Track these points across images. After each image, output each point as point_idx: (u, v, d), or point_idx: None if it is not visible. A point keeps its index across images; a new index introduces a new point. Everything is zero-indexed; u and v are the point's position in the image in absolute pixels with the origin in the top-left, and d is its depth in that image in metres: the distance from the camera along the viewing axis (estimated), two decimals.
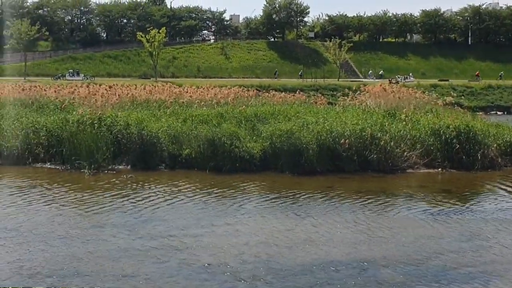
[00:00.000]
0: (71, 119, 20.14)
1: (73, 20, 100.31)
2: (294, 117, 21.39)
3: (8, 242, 11.19)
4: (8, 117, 21.51)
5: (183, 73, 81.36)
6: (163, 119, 21.19)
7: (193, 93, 28.13)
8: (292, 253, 10.79)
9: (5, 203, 14.24)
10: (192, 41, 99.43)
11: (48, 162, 19.23)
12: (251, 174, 17.94)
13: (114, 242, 11.27)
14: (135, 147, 19.15)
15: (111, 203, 14.46)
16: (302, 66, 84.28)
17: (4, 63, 79.62)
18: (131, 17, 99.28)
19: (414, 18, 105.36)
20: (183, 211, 13.70)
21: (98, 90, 28.03)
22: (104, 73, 76.76)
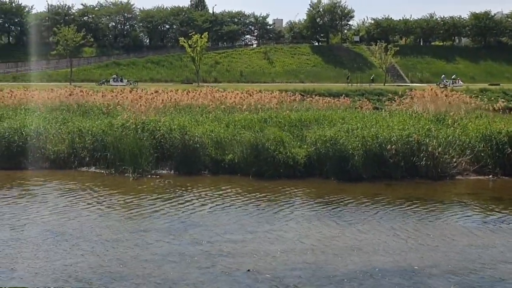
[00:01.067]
0: (115, 124, 20.56)
1: (117, 26, 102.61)
2: (339, 122, 21.27)
3: (55, 245, 11.47)
4: (55, 121, 22.09)
5: (225, 78, 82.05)
6: (205, 124, 21.37)
7: (236, 98, 28.28)
8: (339, 260, 10.70)
9: (52, 206, 14.63)
10: (235, 46, 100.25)
11: (93, 166, 19.66)
12: (295, 180, 17.90)
13: (158, 247, 11.42)
14: (178, 152, 19.39)
15: (155, 207, 14.67)
16: (347, 70, 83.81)
17: (51, 68, 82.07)
18: (174, 23, 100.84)
19: (462, 21, 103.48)
20: (227, 217, 13.78)
21: (142, 95, 28.52)
22: (147, 78, 78.16)
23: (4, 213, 13.95)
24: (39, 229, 12.53)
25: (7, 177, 18.46)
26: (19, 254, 10.89)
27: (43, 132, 20.69)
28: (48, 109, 25.53)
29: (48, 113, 24.07)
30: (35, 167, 19.72)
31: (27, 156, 19.94)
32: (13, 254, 10.87)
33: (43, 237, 11.93)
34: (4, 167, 19.49)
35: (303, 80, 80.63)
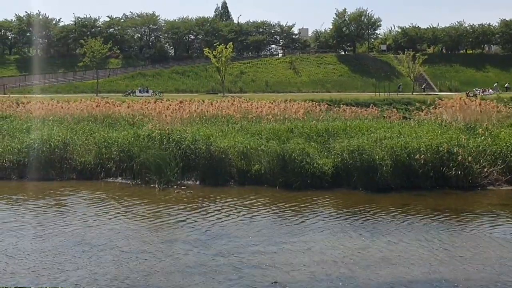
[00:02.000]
0: (141, 135, 20.77)
1: (142, 38, 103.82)
2: (366, 132, 21.18)
3: (83, 255, 11.62)
4: (82, 132, 22.43)
5: (251, 88, 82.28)
6: (231, 134, 21.47)
7: (261, 108, 28.38)
8: (367, 272, 10.63)
9: (79, 217, 14.84)
10: (260, 56, 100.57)
11: (119, 177, 19.88)
12: (323, 190, 17.85)
13: (185, 257, 11.49)
14: (204, 163, 19.50)
15: (181, 218, 14.76)
16: (374, 79, 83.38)
17: (77, 80, 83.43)
18: (199, 33, 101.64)
19: (492, 28, 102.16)
20: (254, 228, 13.80)
21: (167, 105, 28.80)
22: (172, 89, 78.86)
23: (32, 223, 14.21)
24: (67, 239, 12.70)
25: (35, 187, 18.80)
26: (47, 264, 11.05)
27: (70, 143, 21.04)
28: (75, 120, 25.95)
29: (75, 124, 24.46)
30: (62, 178, 20.04)
31: (55, 167, 20.27)
32: (40, 264, 11.04)
33: (70, 247, 12.10)
34: (32, 178, 19.86)
35: (330, 90, 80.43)
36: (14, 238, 12.79)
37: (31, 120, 25.90)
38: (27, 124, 24.14)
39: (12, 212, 15.49)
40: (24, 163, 20.24)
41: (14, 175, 20.20)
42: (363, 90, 78.24)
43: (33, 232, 13.36)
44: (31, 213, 15.40)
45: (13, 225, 14.05)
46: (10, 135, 22.37)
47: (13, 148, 20.64)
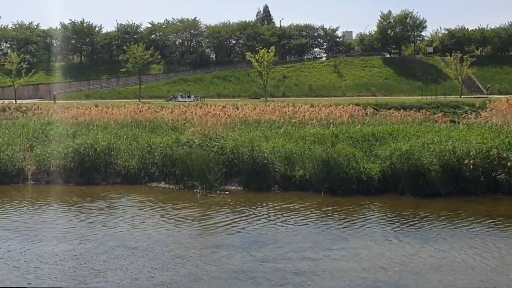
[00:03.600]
0: (183, 140, 21.00)
1: (184, 43, 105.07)
2: (414, 136, 20.89)
3: (127, 260, 11.81)
4: (126, 137, 22.84)
5: (294, 92, 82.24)
6: (275, 139, 21.49)
7: (305, 113, 28.31)
8: (417, 280, 10.47)
9: (123, 221, 15.10)
10: (303, 60, 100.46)
11: (162, 182, 20.12)
12: (369, 196, 17.68)
13: (229, 263, 11.54)
14: (247, 168, 19.55)
15: (225, 223, 14.84)
16: (420, 83, 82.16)
17: (120, 86, 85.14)
18: (240, 38, 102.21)
19: None
20: (299, 234, 13.77)
21: (209, 110, 29.05)
22: (214, 94, 79.53)
23: (78, 226, 14.52)
24: (111, 244, 12.93)
25: (80, 192, 19.22)
26: (91, 268, 11.27)
27: (115, 148, 21.45)
28: (119, 126, 26.42)
29: (119, 130, 24.89)
30: (107, 182, 20.44)
31: (99, 172, 20.70)
32: (84, 268, 11.27)
33: (114, 252, 12.31)
34: (78, 182, 20.33)
35: (375, 94, 79.70)
36: (61, 242, 13.10)
37: (75, 126, 26.49)
38: (72, 130, 24.70)
39: (58, 216, 15.91)
40: (70, 168, 20.72)
41: (60, 180, 20.71)
42: (409, 94, 77.23)
43: (79, 235, 13.66)
44: (77, 217, 15.75)
45: (60, 228, 14.41)
46: (56, 140, 22.95)
47: (59, 153, 21.18)
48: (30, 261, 11.77)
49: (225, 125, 24.49)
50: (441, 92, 71.01)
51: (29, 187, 20.47)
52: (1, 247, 12.70)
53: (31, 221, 15.30)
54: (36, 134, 24.29)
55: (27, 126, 26.36)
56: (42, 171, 21.03)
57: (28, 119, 30.07)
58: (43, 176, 20.95)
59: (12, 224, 14.88)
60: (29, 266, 11.42)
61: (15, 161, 21.27)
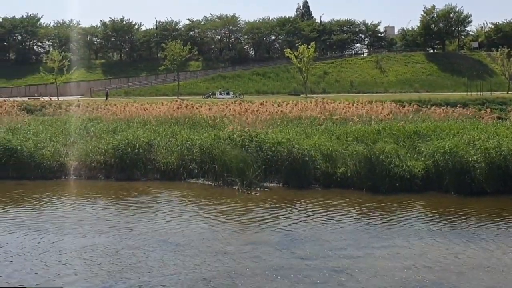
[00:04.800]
0: (222, 136, 21.13)
1: (222, 40, 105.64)
2: (458, 133, 20.56)
3: (168, 255, 11.98)
4: (164, 134, 23.12)
5: (335, 89, 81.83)
6: (315, 136, 21.42)
7: (346, 109, 28.15)
8: (462, 279, 10.32)
9: (163, 217, 15.32)
10: (344, 55, 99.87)
11: (201, 178, 20.30)
12: (412, 194, 17.50)
13: (269, 260, 11.58)
14: (287, 165, 19.54)
15: (264, 220, 14.90)
16: (465, 78, 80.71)
17: (159, 83, 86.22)
18: (280, 34, 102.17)
19: None
20: (340, 232, 13.72)
21: (248, 107, 29.16)
22: (253, 91, 79.74)
23: (119, 222, 14.79)
24: (151, 240, 13.11)
25: (120, 187, 19.58)
26: (133, 262, 11.47)
27: (154, 144, 21.74)
28: (158, 122, 26.74)
29: (158, 126, 25.21)
30: (146, 178, 20.75)
31: (139, 168, 21.03)
32: (124, 263, 11.46)
33: (154, 248, 12.48)
34: (118, 178, 20.72)
35: (418, 90, 78.66)
36: (102, 237, 13.37)
37: (116, 122, 26.95)
38: (113, 126, 25.15)
39: (99, 211, 16.23)
40: (110, 164, 21.14)
41: (101, 175, 21.16)
42: (453, 90, 76.00)
43: (119, 230, 13.91)
44: (117, 212, 16.04)
45: (101, 223, 14.70)
46: (97, 136, 23.41)
47: (100, 149, 21.62)
48: (72, 254, 12.06)
49: (264, 122, 24.55)
50: (487, 88, 69.64)
51: (71, 182, 20.96)
52: (44, 240, 13.03)
53: (73, 216, 15.69)
54: (77, 130, 24.81)
55: (68, 123, 26.94)
56: (84, 166, 21.50)
57: (69, 116, 30.72)
58: (84, 171, 21.43)
59: (54, 218, 15.27)
60: (70, 259, 11.71)
61: (58, 156, 21.80)
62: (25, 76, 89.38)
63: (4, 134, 23.14)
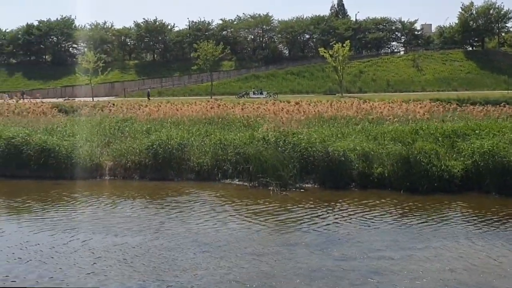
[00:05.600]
0: (256, 136, 21.17)
1: (256, 39, 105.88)
2: (499, 132, 20.19)
3: (202, 255, 12.06)
4: (198, 134, 23.29)
5: (371, 88, 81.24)
6: (351, 136, 21.31)
7: (383, 109, 27.92)
8: (503, 284, 10.14)
9: (198, 218, 15.43)
10: (380, 54, 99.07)
11: (236, 178, 20.38)
12: (451, 194, 17.27)
13: (306, 261, 11.56)
14: (323, 165, 19.48)
15: (300, 221, 14.89)
16: (505, 76, 79.18)
17: (192, 83, 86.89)
18: (314, 32, 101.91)
19: None
20: (377, 233, 13.63)
21: (282, 107, 29.16)
22: (287, 90, 79.71)
23: (153, 222, 14.96)
24: (186, 240, 13.21)
25: (155, 187, 19.82)
26: (167, 263, 11.58)
27: (188, 144, 21.92)
28: (192, 122, 26.95)
29: (192, 126, 25.40)
30: (180, 178, 20.95)
31: (173, 168, 21.24)
32: (160, 264, 11.57)
33: (189, 249, 12.57)
34: (152, 178, 20.98)
35: (456, 88, 77.51)
36: (136, 237, 13.55)
37: (149, 122, 27.26)
38: (147, 126, 25.45)
39: (134, 211, 16.45)
40: (145, 164, 21.43)
41: (136, 175, 21.45)
42: (493, 88, 74.67)
43: (153, 231, 14.07)
44: (152, 212, 16.24)
45: (135, 223, 14.89)
46: (131, 136, 23.73)
47: (134, 149, 21.92)
48: (106, 253, 12.23)
49: (299, 121, 24.52)
50: None
51: (106, 182, 21.31)
52: (79, 239, 13.28)
53: (108, 215, 15.94)
54: (112, 130, 25.20)
55: (104, 123, 27.36)
56: (118, 166, 21.84)
57: (104, 116, 31.19)
58: (119, 171, 21.76)
59: (90, 218, 15.56)
60: (104, 259, 11.88)
61: (93, 156, 22.19)
62: (61, 78, 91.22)
63: (41, 134, 23.65)
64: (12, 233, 14.16)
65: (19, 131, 23.92)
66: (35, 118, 29.91)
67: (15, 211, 17.05)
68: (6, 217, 16.27)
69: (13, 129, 24.64)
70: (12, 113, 31.54)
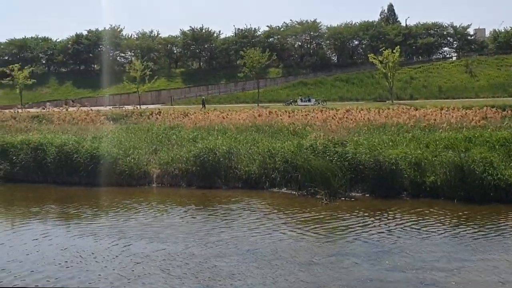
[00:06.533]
0: (305, 145, 21.14)
1: (303, 46, 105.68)
2: None
3: (251, 264, 12.12)
4: (245, 142, 23.42)
5: (422, 94, 79.97)
6: (403, 144, 21.06)
7: (435, 116, 27.50)
8: None
9: (246, 225, 15.52)
10: (431, 60, 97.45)
11: (284, 187, 20.39)
12: (508, 204, 16.87)
13: (357, 271, 11.48)
14: (373, 174, 19.32)
15: (350, 230, 14.80)
16: None
17: (238, 90, 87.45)
18: (363, 38, 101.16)
19: None
20: (430, 243, 13.41)
21: (331, 114, 29.07)
22: (336, 97, 79.19)
23: (200, 230, 15.11)
24: (233, 248, 13.32)
25: (202, 195, 20.05)
26: (214, 271, 11.68)
27: (235, 152, 22.06)
28: (238, 130, 27.13)
29: (239, 134, 25.56)
30: (228, 186, 21.11)
31: (221, 176, 21.41)
32: (205, 272, 11.68)
33: (236, 256, 12.67)
34: (199, 186, 21.23)
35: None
36: (181, 244, 13.72)
37: (196, 130, 27.58)
38: (193, 134, 25.75)
39: (181, 218, 16.69)
40: (192, 171, 21.69)
41: (183, 183, 21.74)
42: None
43: (201, 239, 14.21)
44: (199, 220, 16.43)
45: (182, 231, 15.10)
46: (178, 144, 24.06)
47: (181, 157, 22.22)
48: (153, 260, 12.44)
49: (348, 129, 24.37)
50: None
51: (154, 190, 21.67)
52: (124, 245, 13.54)
53: (155, 222, 16.22)
54: (159, 138, 25.61)
55: (151, 131, 27.83)
56: (166, 174, 22.17)
57: (152, 124, 31.73)
58: (166, 179, 22.10)
59: (138, 225, 15.85)
60: (147, 265, 12.08)
61: (141, 164, 22.62)
62: (110, 86, 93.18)
63: (91, 142, 24.25)
64: (60, 237, 14.62)
65: (70, 138, 24.63)
66: (84, 126, 30.69)
67: (65, 217, 17.60)
68: (56, 223, 16.84)
69: (63, 136, 25.37)
70: (62, 121, 32.44)
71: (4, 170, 24.68)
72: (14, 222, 17.34)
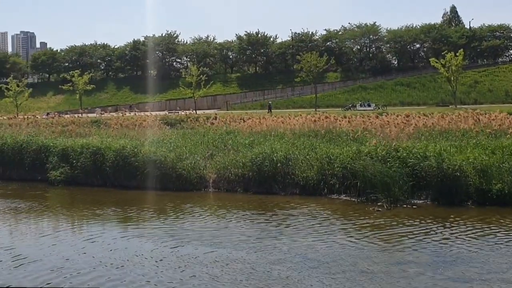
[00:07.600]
0: (364, 151, 20.90)
1: (362, 49, 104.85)
2: None
3: (309, 272, 12.04)
4: (303, 147, 23.35)
5: (487, 99, 78.06)
6: (467, 150, 20.57)
7: (502, 121, 26.72)
8: None
9: (305, 232, 15.45)
10: (497, 63, 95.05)
11: (343, 194, 20.23)
12: None
13: (419, 281, 11.25)
14: (436, 181, 18.94)
15: (412, 238, 14.53)
16: None
17: (295, 95, 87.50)
18: (425, 41, 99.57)
19: None
20: (498, 253, 13.03)
21: (391, 119, 28.62)
22: (397, 102, 78.23)
23: (254, 235, 15.15)
24: (290, 255, 13.28)
25: (259, 201, 20.09)
26: (273, 277, 11.68)
27: (292, 158, 22.01)
28: (296, 135, 27.06)
29: (296, 139, 25.51)
30: (285, 192, 21.09)
31: (278, 181, 21.42)
32: (263, 279, 11.70)
33: (294, 263, 12.62)
34: (256, 192, 21.31)
35: None
36: (234, 250, 13.80)
37: (253, 135, 27.68)
38: (249, 139, 25.87)
39: (239, 224, 16.79)
40: (248, 177, 21.80)
41: (239, 188, 21.86)
42: None
43: (259, 245, 14.23)
44: (257, 225, 16.48)
45: (235, 237, 15.18)
46: (234, 149, 24.22)
47: (237, 162, 22.37)
48: (207, 264, 12.57)
49: (410, 135, 23.97)
50: None
51: (210, 195, 21.90)
52: (179, 250, 13.71)
53: (212, 227, 16.36)
54: (215, 143, 25.84)
55: (207, 135, 28.12)
56: (222, 179, 22.37)
57: (208, 129, 32.05)
58: (223, 184, 22.29)
59: (195, 229, 16.05)
60: (206, 269, 12.19)
61: (197, 169, 22.91)
62: (166, 91, 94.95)
63: (148, 146, 24.73)
64: (117, 240, 14.95)
65: (127, 143, 25.18)
66: (142, 130, 31.31)
67: (122, 220, 18.05)
68: (113, 225, 17.31)
69: (121, 141, 25.96)
70: (120, 125, 33.19)
71: (65, 173, 25.42)
72: (73, 224, 18.01)
